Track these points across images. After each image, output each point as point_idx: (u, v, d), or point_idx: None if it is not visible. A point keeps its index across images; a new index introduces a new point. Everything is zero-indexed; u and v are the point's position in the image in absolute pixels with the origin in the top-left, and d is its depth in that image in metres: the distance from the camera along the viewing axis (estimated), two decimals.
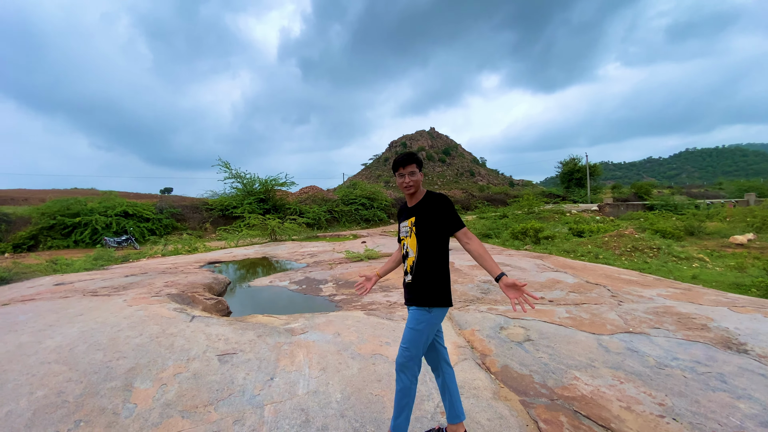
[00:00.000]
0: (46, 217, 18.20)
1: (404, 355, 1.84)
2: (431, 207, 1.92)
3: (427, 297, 1.87)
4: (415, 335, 1.84)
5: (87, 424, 2.12)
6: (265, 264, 9.23)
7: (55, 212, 18.42)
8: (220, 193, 25.11)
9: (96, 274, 7.40)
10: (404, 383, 1.84)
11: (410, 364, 1.83)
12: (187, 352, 3.05)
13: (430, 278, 1.89)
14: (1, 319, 4.00)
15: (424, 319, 1.86)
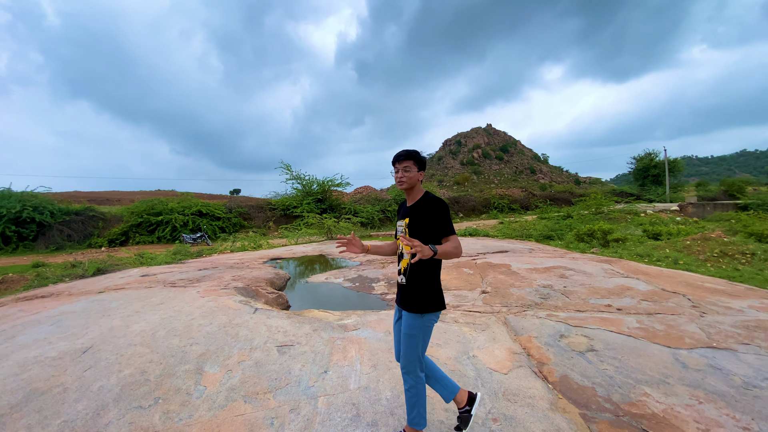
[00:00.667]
0: (134, 216, 20.60)
1: (405, 362, 1.94)
2: (426, 210, 1.91)
3: (420, 303, 1.90)
4: (412, 340, 1.91)
5: (165, 402, 2.38)
6: (322, 261, 9.61)
7: (141, 211, 20.77)
8: (282, 194, 26.59)
9: (174, 267, 8.24)
10: (410, 383, 1.95)
11: (411, 367, 1.93)
12: (250, 342, 3.28)
13: (423, 283, 1.91)
14: (97, 305, 4.63)
15: (416, 324, 1.90)
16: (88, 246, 19.03)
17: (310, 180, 24.76)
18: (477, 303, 4.57)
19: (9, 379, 2.58)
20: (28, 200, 18.37)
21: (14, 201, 17.81)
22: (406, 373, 1.95)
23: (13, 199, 17.89)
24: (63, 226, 19.06)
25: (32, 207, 18.11)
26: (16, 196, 18.21)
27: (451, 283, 5.74)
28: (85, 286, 6.48)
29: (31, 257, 15.63)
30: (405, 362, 1.94)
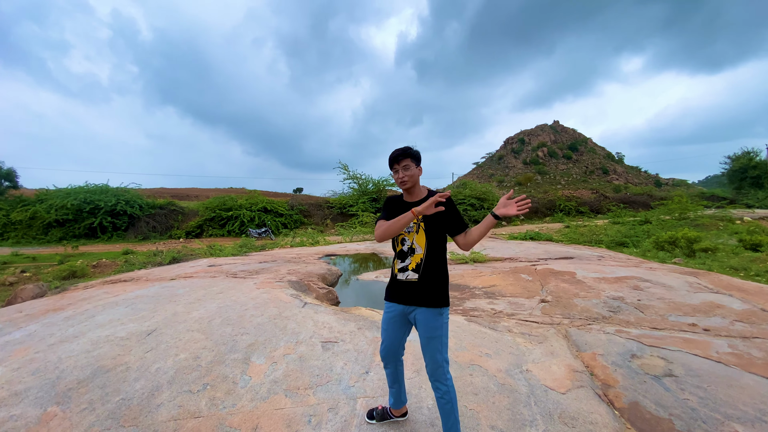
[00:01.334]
0: (208, 211, 22.48)
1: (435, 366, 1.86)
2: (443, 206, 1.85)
3: (439, 298, 1.86)
4: (439, 342, 1.85)
5: (212, 388, 2.47)
6: (374, 259, 9.64)
7: (214, 207, 22.61)
8: (340, 193, 27.39)
9: (238, 260, 8.79)
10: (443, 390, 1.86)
11: (442, 372, 1.86)
12: (297, 336, 3.33)
13: (439, 278, 1.89)
14: (167, 291, 5.04)
15: (438, 324, 1.86)
16: (169, 237, 21.16)
17: (365, 179, 25.17)
18: (534, 312, 4.22)
19: (81, 356, 2.87)
20: (122, 195, 20.91)
21: (110, 196, 20.39)
22: (437, 379, 1.86)
23: (110, 194, 20.50)
24: (149, 219, 21.39)
25: (125, 201, 20.58)
26: (112, 192, 20.84)
27: (506, 289, 5.40)
28: (160, 273, 7.15)
29: (122, 245, 17.74)
30: (434, 368, 1.86)
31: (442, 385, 1.86)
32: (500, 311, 4.37)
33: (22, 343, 3.18)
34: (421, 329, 1.88)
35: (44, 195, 20.24)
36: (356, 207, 22.86)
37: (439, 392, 1.86)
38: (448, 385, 1.86)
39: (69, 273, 10.96)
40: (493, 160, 60.19)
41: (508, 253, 9.13)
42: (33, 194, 20.62)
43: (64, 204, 19.23)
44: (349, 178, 25.42)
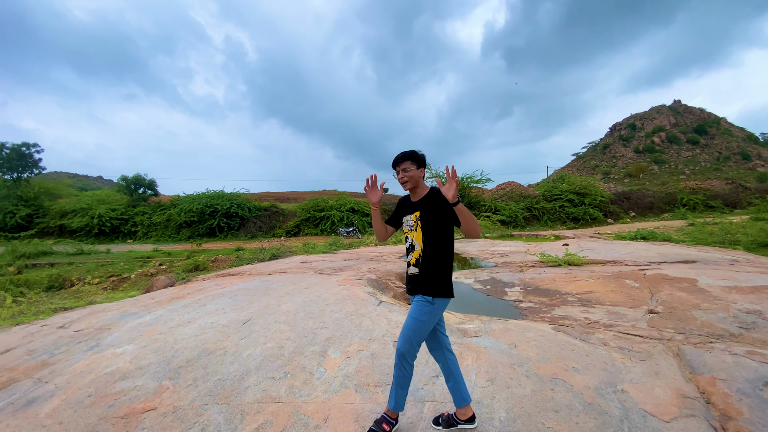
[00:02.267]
0: (304, 212, 24.47)
1: (406, 345, 1.96)
2: (435, 203, 2.01)
3: (432, 287, 1.98)
4: (419, 325, 1.95)
5: (291, 377, 2.67)
6: (457, 259, 9.42)
7: (309, 208, 24.53)
8: None
9: (326, 257, 9.38)
10: (405, 370, 1.99)
11: (412, 352, 1.97)
12: (370, 333, 3.42)
13: (436, 270, 2.01)
14: (263, 284, 5.62)
15: (427, 310, 1.97)
16: (272, 236, 23.59)
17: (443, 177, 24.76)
18: (639, 325, 3.66)
19: (191, 339, 3.36)
20: (235, 199, 23.98)
21: (225, 200, 23.55)
22: (403, 359, 1.97)
23: (225, 199, 23.68)
24: (256, 219, 24.14)
25: (237, 204, 23.56)
26: (227, 197, 24.04)
27: (605, 296, 4.79)
28: (261, 268, 8.00)
29: (235, 243, 20.30)
30: (407, 347, 1.96)
31: (407, 364, 1.98)
32: (595, 321, 3.89)
33: (150, 325, 3.87)
34: (411, 309, 2.03)
35: (176, 201, 24.25)
36: None
37: (401, 371, 1.99)
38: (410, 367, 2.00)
39: (193, 266, 12.92)
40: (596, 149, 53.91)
41: (611, 255, 8.09)
42: (168, 200, 24.86)
43: (191, 208, 22.81)
44: (431, 176, 25.26)
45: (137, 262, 15.04)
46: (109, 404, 2.36)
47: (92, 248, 17.44)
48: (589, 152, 55.24)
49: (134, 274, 12.76)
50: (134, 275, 12.64)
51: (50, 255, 15.63)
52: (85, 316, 4.46)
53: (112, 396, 2.45)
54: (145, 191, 24.04)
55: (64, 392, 2.52)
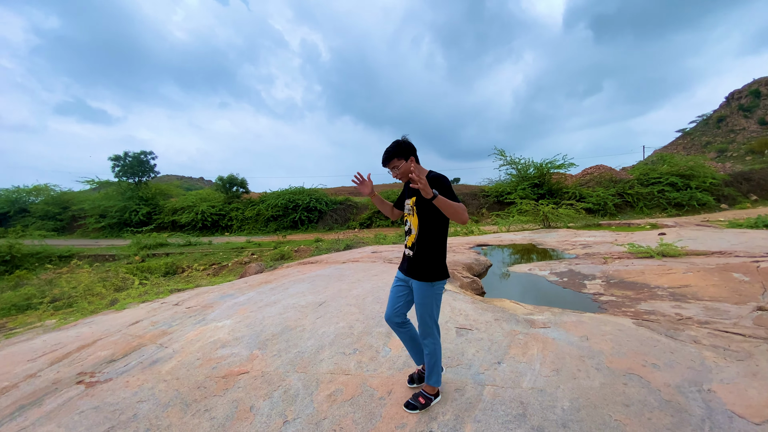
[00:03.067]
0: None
1: (424, 327, 2.16)
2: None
3: (429, 273, 2.10)
4: (427, 308, 2.13)
5: (359, 353, 2.92)
6: (530, 251, 8.99)
7: None
8: (496, 180, 26.31)
9: (396, 247, 9.66)
10: (430, 348, 2.18)
11: (430, 331, 2.16)
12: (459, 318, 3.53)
13: (430, 255, 2.11)
14: (337, 272, 6.05)
15: (428, 293, 2.12)
16: (347, 228, 24.78)
17: (525, 163, 23.35)
18: (743, 322, 3.22)
19: (276, 317, 3.82)
20: (313, 194, 25.64)
21: (305, 195, 25.32)
22: (425, 338, 2.18)
23: (305, 194, 25.46)
24: (332, 213, 25.55)
25: (315, 199, 25.18)
26: (307, 192, 25.80)
27: (704, 290, 4.26)
28: (336, 257, 8.56)
29: (314, 235, 21.75)
30: (423, 328, 2.16)
31: (430, 341, 2.18)
32: (688, 318, 3.51)
33: (243, 304, 4.46)
34: (415, 297, 2.17)
35: (264, 197, 26.72)
36: (514, 194, 21.50)
37: (428, 348, 2.19)
38: (435, 343, 2.19)
39: (279, 256, 14.21)
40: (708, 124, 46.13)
41: (718, 245, 7.04)
42: (257, 197, 27.49)
43: (276, 203, 24.98)
44: (506, 164, 24.10)
45: (233, 252, 17.00)
46: (212, 366, 2.84)
47: (197, 240, 20.13)
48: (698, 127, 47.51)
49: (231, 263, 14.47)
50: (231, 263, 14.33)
51: (165, 246, 18.43)
52: (193, 296, 5.30)
53: (214, 360, 2.95)
54: (238, 189, 26.90)
55: (179, 355, 3.09)
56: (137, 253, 16.75)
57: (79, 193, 29.50)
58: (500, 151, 24.15)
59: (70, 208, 27.46)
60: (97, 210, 25.82)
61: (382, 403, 2.29)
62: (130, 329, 3.92)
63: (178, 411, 2.30)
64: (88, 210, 26.19)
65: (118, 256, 16.54)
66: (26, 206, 27.82)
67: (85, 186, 29.02)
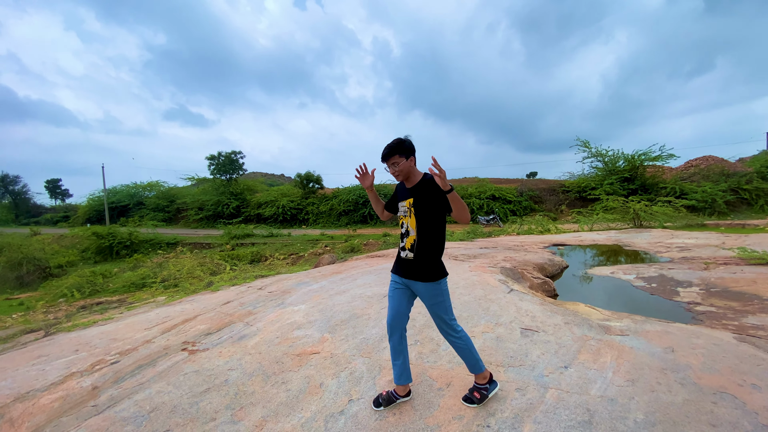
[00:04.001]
0: None
1: (442, 325, 2.17)
2: (428, 190, 2.07)
3: (433, 273, 2.10)
4: (441, 306, 2.13)
5: (420, 344, 3.02)
6: (614, 252, 8.22)
7: None
8: (578, 174, 24.26)
9: (463, 244, 9.53)
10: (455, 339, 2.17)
11: (450, 326, 2.16)
12: (497, 318, 3.48)
13: (431, 256, 2.11)
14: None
15: (437, 292, 2.11)
16: None
17: (614, 155, 21.16)
18: None
19: (344, 305, 4.08)
20: (382, 190, 26.19)
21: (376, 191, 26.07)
22: (448, 334, 2.18)
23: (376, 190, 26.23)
24: None
25: (384, 195, 25.69)
26: (376, 187, 26.46)
27: None
28: None
29: (383, 229, 22.27)
30: (443, 326, 2.17)
31: (453, 333, 2.17)
32: None
33: (316, 292, 4.84)
34: (424, 300, 2.15)
35: (337, 192, 28.05)
36: (599, 190, 19.64)
37: (451, 338, 2.17)
38: (459, 333, 2.17)
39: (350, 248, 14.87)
40: None
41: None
42: (330, 192, 28.94)
43: (348, 199, 26.07)
44: (591, 156, 22.08)
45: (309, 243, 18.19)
46: (289, 345, 3.17)
47: (278, 232, 21.88)
48: None
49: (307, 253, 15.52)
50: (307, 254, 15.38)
51: (251, 237, 20.37)
52: (274, 282, 5.87)
53: (291, 340, 3.28)
54: (313, 185, 28.61)
55: (261, 333, 3.50)
56: (228, 242, 18.81)
57: (182, 189, 33.91)
58: (584, 142, 22.23)
59: (176, 201, 31.71)
60: (196, 203, 29.45)
61: (441, 394, 2.37)
62: (222, 308, 4.51)
63: (260, 381, 2.63)
64: (189, 203, 30.03)
65: (213, 244, 18.75)
66: (142, 200, 32.79)
67: (186, 182, 33.31)
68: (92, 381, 2.68)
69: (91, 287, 10.62)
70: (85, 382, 2.68)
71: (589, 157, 22.35)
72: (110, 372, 2.83)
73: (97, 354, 3.20)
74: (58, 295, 11.33)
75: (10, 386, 2.64)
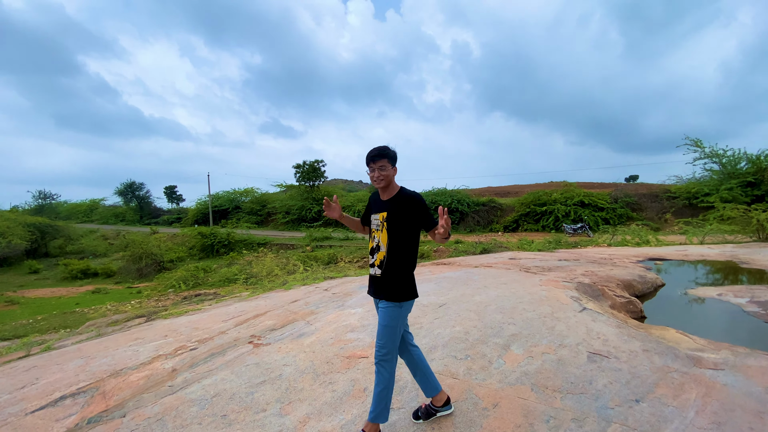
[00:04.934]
0: (523, 206, 23.54)
1: (382, 352, 1.95)
2: (403, 206, 1.99)
3: (398, 292, 1.97)
4: (390, 331, 1.96)
5: (470, 360, 2.90)
6: (726, 270, 6.93)
7: (529, 202, 23.39)
8: (687, 178, 21.01)
9: (539, 255, 8.88)
10: (384, 376, 1.94)
11: (389, 358, 1.96)
12: (562, 338, 3.18)
13: (400, 274, 2.00)
14: (465, 275, 6.00)
15: (395, 314, 1.97)
16: (489, 230, 23.94)
17: (734, 156, 17.88)
18: None
19: None
20: (455, 195, 25.74)
21: (447, 196, 25.66)
22: (382, 366, 1.95)
23: (447, 195, 25.81)
24: (474, 214, 25.11)
25: (457, 200, 25.23)
26: (448, 193, 26.11)
27: None
28: (470, 260, 8.46)
29: (454, 236, 21.79)
30: (384, 352, 1.95)
31: (385, 370, 1.95)
32: None
33: None
34: (380, 317, 2.02)
35: None
36: (714, 196, 16.70)
37: (382, 377, 1.94)
38: (391, 374, 1.97)
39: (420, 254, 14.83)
40: None
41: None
42: None
43: None
44: (703, 157, 18.95)
45: None
46: (340, 346, 3.30)
47: (353, 236, 22.73)
48: None
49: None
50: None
51: (330, 239, 21.51)
52: (339, 284, 6.14)
53: (343, 342, 3.40)
54: None
55: (318, 333, 3.69)
56: (309, 244, 20.14)
57: (272, 194, 37.26)
58: (695, 141, 19.21)
59: (267, 205, 34.95)
60: (284, 208, 32.10)
61: (485, 414, 2.25)
62: (290, 306, 4.86)
63: (310, 379, 2.78)
64: (278, 207, 32.87)
65: (296, 246, 20.24)
66: (239, 204, 36.75)
67: (276, 189, 36.56)
68: (173, 364, 3.11)
69: (194, 280, 12.23)
70: (167, 364, 3.12)
71: (701, 158, 19.20)
72: (188, 357, 3.25)
73: (181, 340, 3.70)
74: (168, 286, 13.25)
75: (108, 363, 3.20)
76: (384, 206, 2.06)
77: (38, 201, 40.20)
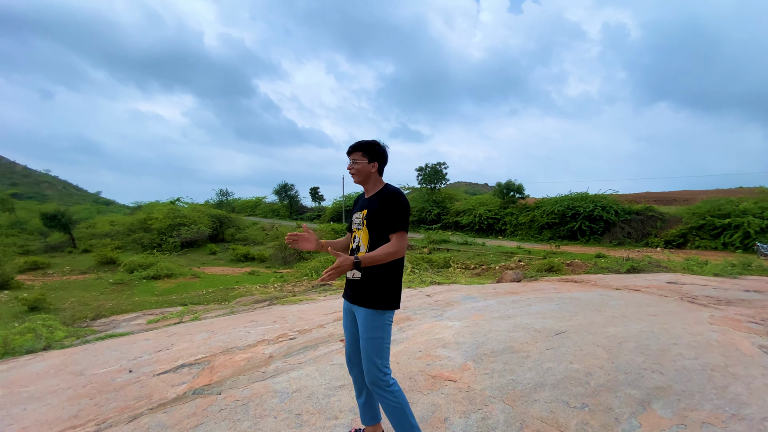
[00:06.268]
0: (695, 217, 18.79)
1: (372, 371, 1.72)
2: (383, 202, 1.81)
3: (378, 299, 1.75)
4: (377, 344, 1.75)
5: (589, 412, 2.23)
6: None
7: (704, 212, 18.54)
8: None
9: (713, 281, 6.78)
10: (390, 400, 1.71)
11: (380, 375, 1.72)
12: (738, 406, 2.21)
13: (381, 278, 1.77)
14: (600, 299, 4.89)
15: (378, 324, 1.76)
16: (644, 244, 19.85)
17: None
18: None
19: (502, 333, 3.51)
20: (599, 201, 22.19)
21: (588, 202, 22.25)
22: (378, 387, 1.72)
23: (588, 200, 22.39)
24: (624, 224, 21.21)
25: (601, 207, 21.70)
26: (590, 198, 22.62)
27: None
28: (611, 280, 7.02)
29: (597, 249, 18.78)
30: (374, 372, 1.72)
31: (384, 387, 1.71)
32: None
33: (478, 310, 4.43)
34: (361, 329, 1.79)
35: (540, 203, 25.59)
36: None
37: (381, 392, 1.72)
38: (392, 387, 1.72)
39: (547, 267, 13.26)
40: None
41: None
42: (533, 202, 26.66)
43: (553, 210, 23.34)
44: None
45: (502, 255, 17.34)
46: (427, 362, 2.99)
47: (473, 240, 21.86)
48: None
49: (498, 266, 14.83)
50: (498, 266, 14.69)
51: (447, 243, 21.11)
52: (444, 291, 5.80)
53: (432, 357, 3.09)
54: (514, 194, 27.13)
55: (408, 342, 3.45)
56: (426, 245, 20.17)
57: None
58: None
59: None
60: None
61: None
62: None
63: None
64: None
65: (414, 247, 20.51)
66: None
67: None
68: (272, 350, 3.32)
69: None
70: (267, 349, 3.34)
71: None
72: (286, 346, 3.42)
73: (285, 328, 3.96)
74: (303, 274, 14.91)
75: (224, 340, 3.60)
76: (365, 204, 1.92)
77: (219, 197, 50.70)
